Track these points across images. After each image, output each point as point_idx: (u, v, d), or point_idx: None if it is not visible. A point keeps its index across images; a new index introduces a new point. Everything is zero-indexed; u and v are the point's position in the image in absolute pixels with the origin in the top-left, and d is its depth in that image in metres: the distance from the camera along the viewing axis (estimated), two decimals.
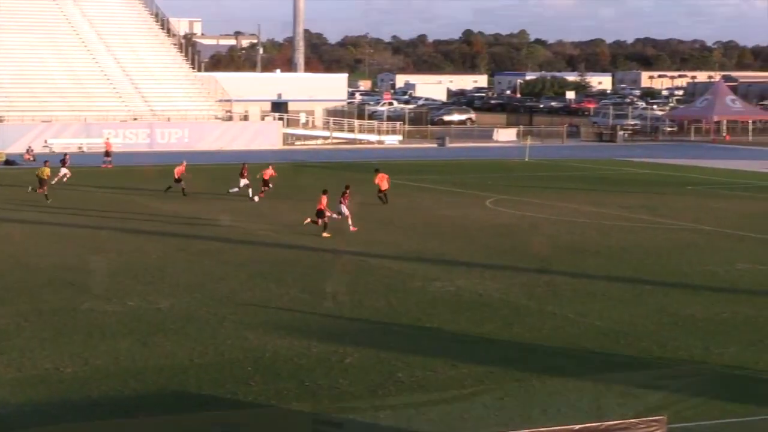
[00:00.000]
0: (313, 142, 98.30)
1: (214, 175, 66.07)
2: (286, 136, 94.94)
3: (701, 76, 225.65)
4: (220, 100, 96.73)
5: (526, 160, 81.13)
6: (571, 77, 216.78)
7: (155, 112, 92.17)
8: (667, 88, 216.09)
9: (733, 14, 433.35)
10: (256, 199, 53.93)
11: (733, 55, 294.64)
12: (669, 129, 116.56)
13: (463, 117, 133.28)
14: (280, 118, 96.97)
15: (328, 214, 43.04)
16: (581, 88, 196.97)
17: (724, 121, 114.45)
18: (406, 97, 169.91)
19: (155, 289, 32.36)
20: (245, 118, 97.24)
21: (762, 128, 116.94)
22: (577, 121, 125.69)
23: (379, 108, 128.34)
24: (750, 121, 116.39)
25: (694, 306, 30.71)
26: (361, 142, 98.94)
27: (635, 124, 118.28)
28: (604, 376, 23.69)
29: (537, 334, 27.35)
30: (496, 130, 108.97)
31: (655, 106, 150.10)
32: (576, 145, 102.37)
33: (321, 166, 75.13)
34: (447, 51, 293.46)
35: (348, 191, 45.08)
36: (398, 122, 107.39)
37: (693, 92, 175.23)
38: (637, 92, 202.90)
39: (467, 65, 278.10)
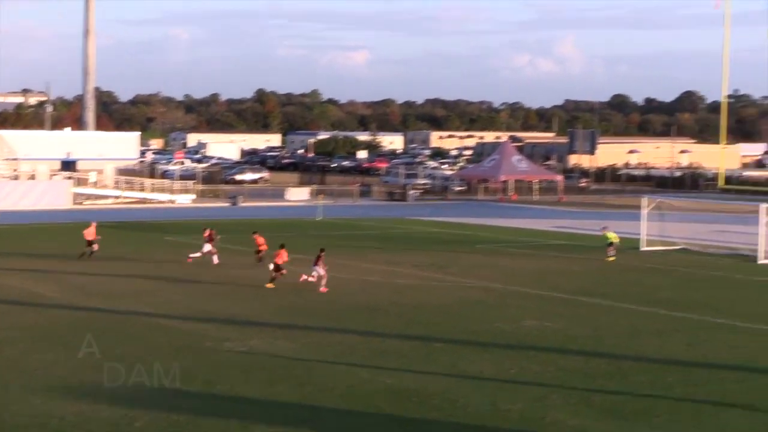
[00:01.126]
0: (104, 201, 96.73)
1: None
2: (75, 196, 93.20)
3: (489, 137, 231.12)
4: (7, 159, 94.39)
5: (319, 219, 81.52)
6: (363, 137, 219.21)
7: None
8: (456, 148, 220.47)
9: (519, 77, 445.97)
10: (215, 260, 52.23)
11: (519, 116, 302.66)
12: (458, 188, 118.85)
13: (255, 176, 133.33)
14: (69, 177, 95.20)
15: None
16: (373, 147, 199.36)
17: (511, 181, 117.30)
18: (199, 156, 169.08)
19: None
20: (33, 177, 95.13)
21: (547, 187, 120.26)
22: (369, 180, 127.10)
23: (171, 167, 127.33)
24: (535, 181, 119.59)
25: (483, 363, 31.24)
26: (152, 201, 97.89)
27: (425, 184, 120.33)
28: None
29: (330, 394, 27.37)
30: (288, 189, 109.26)
31: (444, 166, 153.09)
32: (368, 204, 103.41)
33: (111, 225, 73.89)
34: (240, 110, 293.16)
35: (323, 253, 45.32)
36: (191, 181, 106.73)
37: (481, 152, 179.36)
38: (428, 152, 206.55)
39: (260, 124, 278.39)
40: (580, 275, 52.23)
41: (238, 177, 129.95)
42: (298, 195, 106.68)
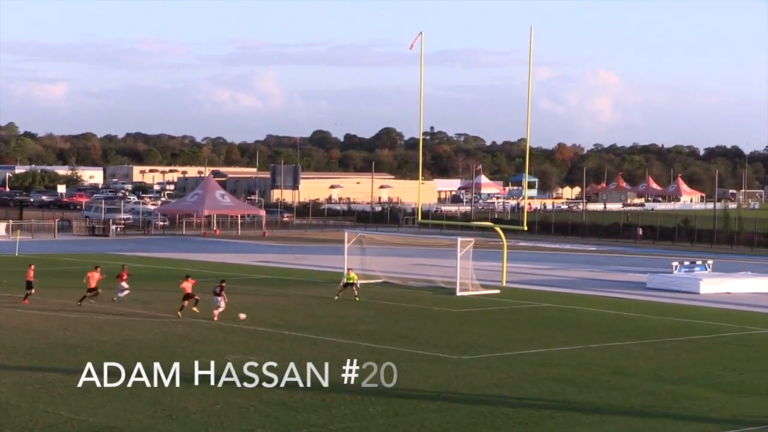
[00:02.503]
0: None
1: None
2: None
3: (192, 171, 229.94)
4: None
5: (17, 255, 79.18)
6: (63, 171, 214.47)
7: None
8: (158, 183, 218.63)
9: (221, 112, 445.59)
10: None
11: (221, 151, 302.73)
12: (161, 223, 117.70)
13: None
14: None
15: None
16: (73, 182, 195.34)
17: (215, 215, 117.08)
18: None
19: None
20: None
21: (250, 222, 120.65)
22: (70, 215, 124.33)
23: None
24: (239, 216, 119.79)
25: (189, 398, 31.00)
26: None
27: (128, 219, 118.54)
28: None
29: None
30: None
31: (147, 201, 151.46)
32: (68, 239, 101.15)
33: None
34: None
35: (224, 284, 49.16)
36: None
37: (184, 187, 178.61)
38: (129, 186, 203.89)
39: None
40: (285, 309, 52.62)
41: None
42: None
